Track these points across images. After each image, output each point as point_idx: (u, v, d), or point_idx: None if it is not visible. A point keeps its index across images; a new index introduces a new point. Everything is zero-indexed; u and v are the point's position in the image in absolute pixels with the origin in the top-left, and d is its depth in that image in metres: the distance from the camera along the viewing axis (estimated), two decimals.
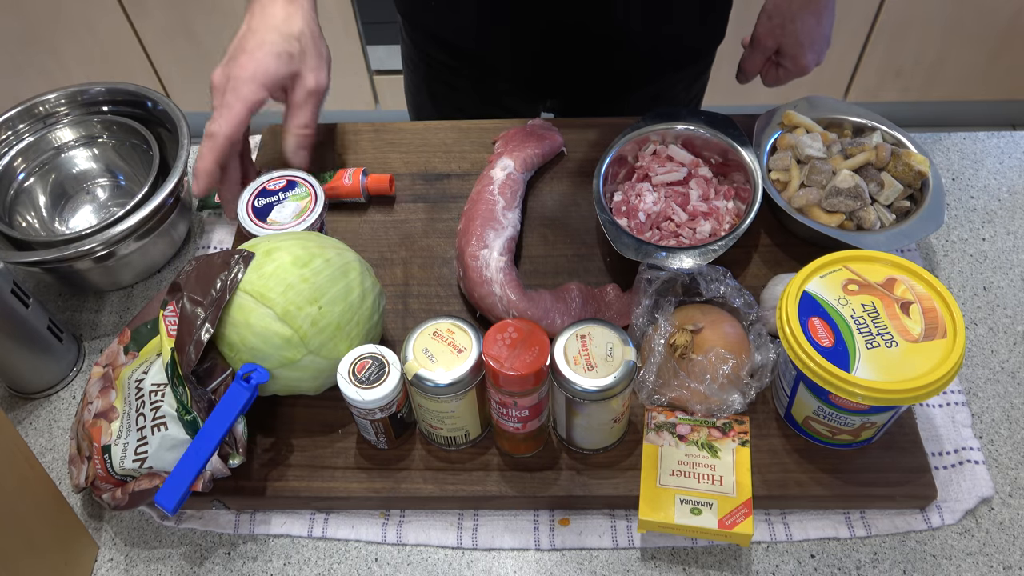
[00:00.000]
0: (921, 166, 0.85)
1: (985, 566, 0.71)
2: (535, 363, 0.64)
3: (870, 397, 0.65)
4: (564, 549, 0.73)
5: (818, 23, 0.97)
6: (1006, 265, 0.90)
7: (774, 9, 0.99)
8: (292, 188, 0.85)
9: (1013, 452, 0.77)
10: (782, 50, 1.00)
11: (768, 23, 0.99)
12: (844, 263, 0.73)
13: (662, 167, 0.89)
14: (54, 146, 0.97)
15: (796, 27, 0.97)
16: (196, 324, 0.70)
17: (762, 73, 1.05)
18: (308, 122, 0.83)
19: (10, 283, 0.77)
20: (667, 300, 0.78)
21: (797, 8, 0.96)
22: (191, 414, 0.69)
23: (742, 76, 1.06)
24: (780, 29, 0.98)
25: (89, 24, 2.07)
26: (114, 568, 0.74)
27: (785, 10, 0.97)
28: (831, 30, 1.00)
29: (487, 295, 0.80)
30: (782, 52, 1.00)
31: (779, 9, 0.98)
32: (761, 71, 1.04)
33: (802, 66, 1.00)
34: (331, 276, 0.72)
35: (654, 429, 0.74)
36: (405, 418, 0.74)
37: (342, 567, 0.73)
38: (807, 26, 0.97)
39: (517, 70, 1.07)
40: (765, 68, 1.04)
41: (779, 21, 0.98)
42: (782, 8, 0.98)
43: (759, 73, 1.05)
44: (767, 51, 1.01)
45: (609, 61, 1.04)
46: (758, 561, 0.72)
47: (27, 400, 0.85)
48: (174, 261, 0.95)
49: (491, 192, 0.87)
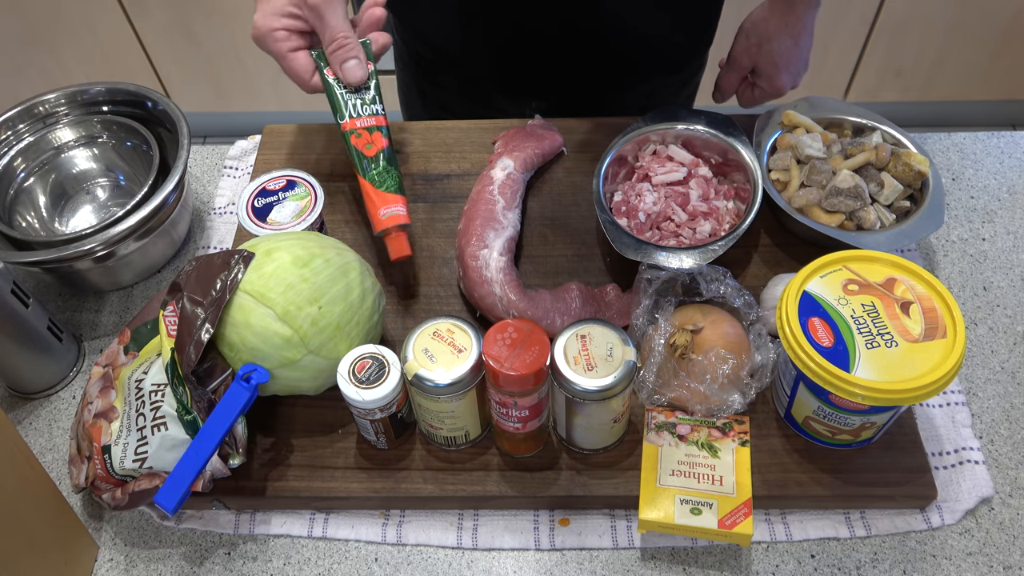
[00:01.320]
0: (921, 166, 0.85)
1: (985, 566, 0.71)
2: (535, 363, 0.64)
3: (870, 397, 0.65)
4: (564, 549, 0.73)
5: (795, 44, 0.97)
6: (1006, 265, 0.90)
7: (751, 28, 0.98)
8: (292, 188, 0.85)
9: (1013, 452, 0.77)
10: (758, 70, 1.00)
11: (745, 42, 0.99)
12: (844, 263, 0.73)
13: (662, 167, 0.89)
14: (54, 146, 0.97)
15: (773, 47, 0.97)
16: (196, 324, 0.70)
17: (738, 93, 1.04)
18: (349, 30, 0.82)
19: (10, 283, 0.77)
20: (667, 300, 0.78)
21: (774, 29, 0.96)
22: (191, 414, 0.69)
23: (718, 95, 1.06)
24: (757, 49, 0.98)
25: (89, 24, 2.07)
26: (114, 568, 0.74)
27: (762, 30, 0.97)
28: (809, 52, 0.99)
29: (487, 295, 0.80)
30: (758, 72, 1.00)
31: (756, 29, 0.98)
32: (737, 91, 1.04)
33: (777, 87, 0.99)
34: (331, 276, 0.72)
35: (654, 429, 0.74)
36: (405, 418, 0.74)
37: (342, 567, 0.73)
38: (784, 47, 0.97)
39: (499, 71, 1.07)
40: (741, 88, 1.04)
41: (756, 41, 0.98)
42: (759, 28, 0.97)
43: (735, 92, 1.04)
44: (743, 70, 1.01)
45: (591, 66, 1.03)
46: (758, 561, 0.72)
47: (27, 400, 0.85)
48: (174, 261, 0.95)
49: (491, 192, 0.87)
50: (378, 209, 0.81)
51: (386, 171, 0.82)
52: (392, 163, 0.83)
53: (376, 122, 0.84)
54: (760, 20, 0.97)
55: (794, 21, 0.95)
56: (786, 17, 0.95)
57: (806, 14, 0.95)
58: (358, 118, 0.83)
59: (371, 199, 0.82)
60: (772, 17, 0.96)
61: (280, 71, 0.84)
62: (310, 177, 0.86)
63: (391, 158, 0.84)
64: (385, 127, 0.85)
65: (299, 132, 1.02)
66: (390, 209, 0.81)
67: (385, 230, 0.81)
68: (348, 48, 0.81)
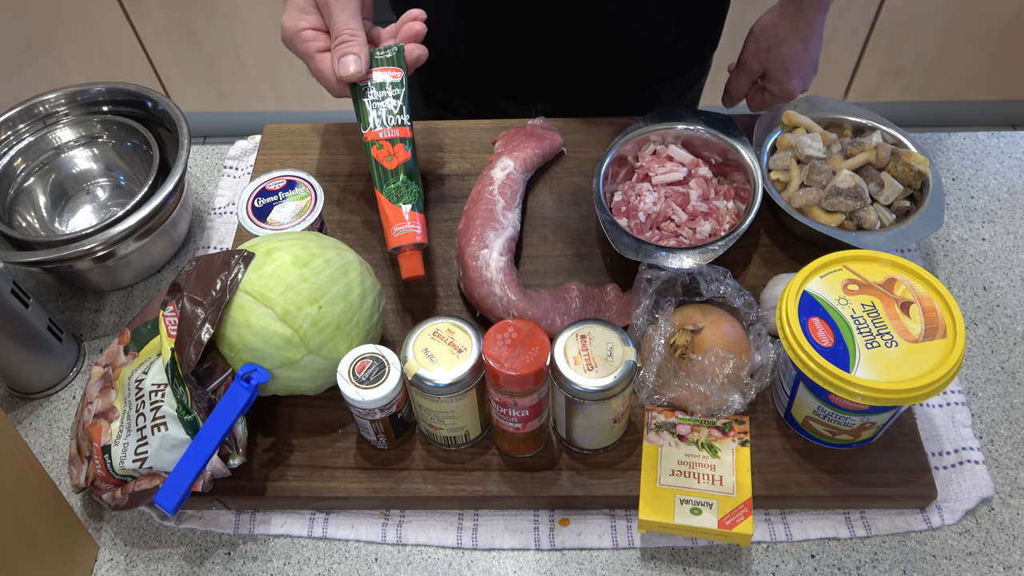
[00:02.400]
0: (921, 166, 0.85)
1: (985, 566, 0.71)
2: (535, 363, 0.64)
3: (870, 397, 0.65)
4: (564, 549, 0.73)
5: (805, 49, 0.97)
6: (1006, 265, 0.90)
7: (761, 33, 0.98)
8: (292, 188, 0.85)
9: (1013, 452, 0.77)
10: (768, 74, 1.00)
11: (755, 47, 0.99)
12: (844, 263, 0.73)
13: (662, 167, 0.89)
14: (54, 146, 0.97)
15: (783, 52, 0.97)
16: (196, 324, 0.70)
17: (747, 97, 1.05)
18: (356, 28, 0.81)
19: (10, 283, 0.77)
20: (667, 300, 0.78)
21: (784, 33, 0.96)
22: (191, 414, 0.69)
23: (728, 99, 1.06)
24: (766, 53, 0.98)
25: (89, 24, 2.07)
26: (114, 568, 0.74)
27: (772, 35, 0.97)
28: (818, 56, 0.99)
29: (487, 295, 0.80)
30: (768, 76, 1.00)
31: (766, 33, 0.98)
32: (747, 95, 1.04)
33: (787, 91, 0.99)
34: (331, 276, 0.72)
35: (654, 429, 0.74)
36: (405, 418, 0.74)
37: (342, 567, 0.73)
38: (794, 51, 0.97)
39: (503, 72, 1.07)
40: (751, 92, 1.04)
41: (765, 45, 0.98)
42: (769, 32, 0.97)
43: (744, 97, 1.05)
44: (753, 75, 1.01)
45: (595, 69, 1.03)
46: (758, 561, 0.72)
47: (27, 400, 0.85)
48: (174, 261, 0.95)
49: (491, 192, 0.87)
50: (391, 225, 0.77)
51: (404, 186, 0.79)
52: (413, 178, 0.80)
53: (400, 133, 0.81)
54: (770, 25, 0.97)
55: (804, 25, 0.95)
56: (796, 22, 0.95)
57: (816, 18, 0.95)
58: (382, 128, 0.80)
59: (385, 214, 0.78)
60: (782, 22, 0.96)
61: (302, 73, 0.83)
62: (310, 177, 0.86)
63: (412, 173, 0.80)
64: (410, 139, 0.81)
65: (299, 132, 1.02)
66: (404, 227, 0.77)
67: (399, 247, 0.78)
68: (350, 44, 0.80)
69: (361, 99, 0.82)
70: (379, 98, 0.81)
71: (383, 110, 0.81)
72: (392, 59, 0.82)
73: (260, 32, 2.08)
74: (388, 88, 0.81)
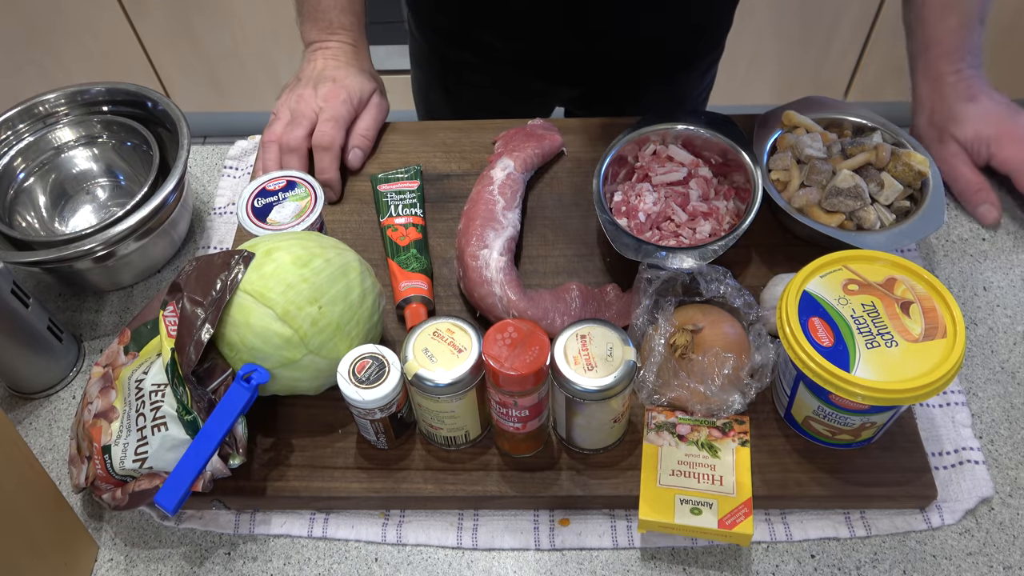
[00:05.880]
0: (921, 166, 0.85)
1: (985, 566, 0.71)
2: (535, 363, 0.64)
3: (870, 397, 0.65)
4: (564, 549, 0.73)
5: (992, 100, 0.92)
6: (1006, 265, 0.90)
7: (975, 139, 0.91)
8: (292, 188, 0.85)
9: (1013, 452, 0.77)
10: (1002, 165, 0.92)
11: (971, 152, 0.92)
12: (844, 263, 0.73)
13: (662, 167, 0.89)
14: (54, 146, 0.97)
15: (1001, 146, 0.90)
16: (196, 324, 0.70)
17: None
18: (370, 127, 0.98)
19: (10, 283, 0.77)
20: (667, 300, 0.78)
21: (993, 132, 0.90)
22: (191, 414, 0.69)
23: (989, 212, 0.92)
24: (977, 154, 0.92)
25: (89, 24, 2.07)
26: (114, 568, 0.74)
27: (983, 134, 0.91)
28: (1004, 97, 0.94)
29: (487, 295, 0.80)
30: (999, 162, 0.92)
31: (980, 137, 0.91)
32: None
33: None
34: (331, 276, 0.72)
35: (654, 429, 0.74)
36: (405, 418, 0.74)
37: (342, 567, 0.73)
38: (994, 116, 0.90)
39: (539, 55, 1.07)
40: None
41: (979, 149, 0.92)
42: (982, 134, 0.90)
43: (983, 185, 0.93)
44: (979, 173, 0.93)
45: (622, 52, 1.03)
46: (758, 561, 0.72)
47: (27, 400, 0.85)
48: (174, 261, 0.95)
49: (491, 192, 0.87)
50: (399, 283, 0.84)
51: (415, 258, 0.86)
52: (423, 251, 0.87)
53: (413, 221, 0.90)
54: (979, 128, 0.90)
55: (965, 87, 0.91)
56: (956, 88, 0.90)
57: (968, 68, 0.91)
58: (397, 217, 0.90)
59: (395, 275, 0.85)
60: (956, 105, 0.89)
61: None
62: (310, 177, 0.86)
63: (422, 247, 0.88)
64: (421, 225, 0.90)
65: None
66: (412, 283, 0.84)
67: (406, 300, 0.83)
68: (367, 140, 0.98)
69: (383, 199, 0.92)
70: (398, 201, 0.92)
71: (400, 206, 0.91)
72: (412, 175, 0.94)
73: (260, 32, 2.08)
74: (406, 195, 0.92)
